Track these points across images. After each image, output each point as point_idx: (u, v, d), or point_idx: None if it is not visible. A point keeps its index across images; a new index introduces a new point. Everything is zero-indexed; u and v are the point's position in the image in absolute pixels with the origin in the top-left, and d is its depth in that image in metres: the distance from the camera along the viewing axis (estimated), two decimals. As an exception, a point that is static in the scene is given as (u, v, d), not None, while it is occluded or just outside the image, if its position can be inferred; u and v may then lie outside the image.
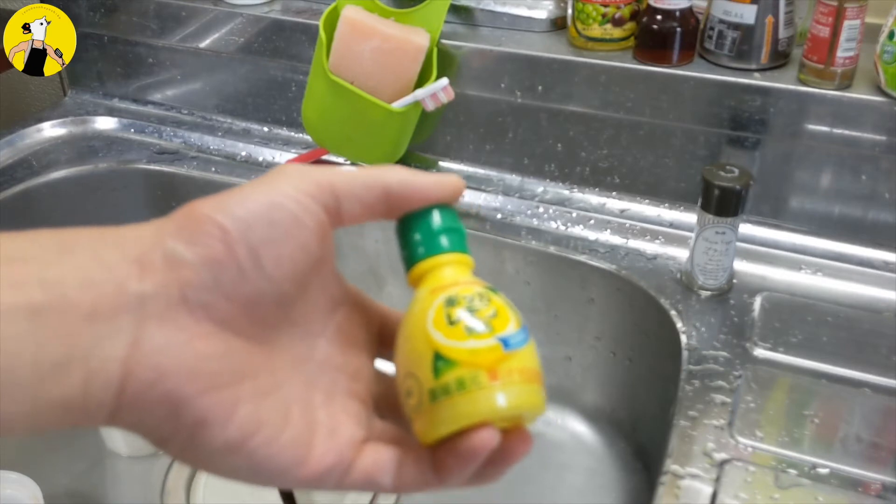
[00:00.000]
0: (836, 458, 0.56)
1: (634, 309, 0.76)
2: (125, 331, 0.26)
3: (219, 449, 0.28)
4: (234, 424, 0.27)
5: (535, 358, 0.30)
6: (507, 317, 0.30)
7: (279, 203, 0.29)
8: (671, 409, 0.62)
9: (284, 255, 0.29)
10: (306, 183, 0.30)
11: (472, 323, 0.29)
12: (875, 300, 0.71)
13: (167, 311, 0.27)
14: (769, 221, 0.79)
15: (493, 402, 0.29)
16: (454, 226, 0.32)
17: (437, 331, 0.29)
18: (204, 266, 0.27)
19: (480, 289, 0.31)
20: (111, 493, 0.75)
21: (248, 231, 0.28)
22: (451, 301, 0.30)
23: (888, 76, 0.70)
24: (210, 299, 0.27)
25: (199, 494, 0.73)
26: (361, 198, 0.31)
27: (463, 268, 0.32)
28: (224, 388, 0.27)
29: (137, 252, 0.27)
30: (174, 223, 0.28)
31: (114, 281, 0.26)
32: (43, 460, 0.76)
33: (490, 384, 0.29)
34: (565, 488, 0.76)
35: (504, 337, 0.29)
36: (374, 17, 0.80)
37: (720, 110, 0.76)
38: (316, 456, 0.29)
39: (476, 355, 0.29)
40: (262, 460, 0.28)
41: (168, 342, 0.26)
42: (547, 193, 0.86)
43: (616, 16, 0.79)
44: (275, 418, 0.29)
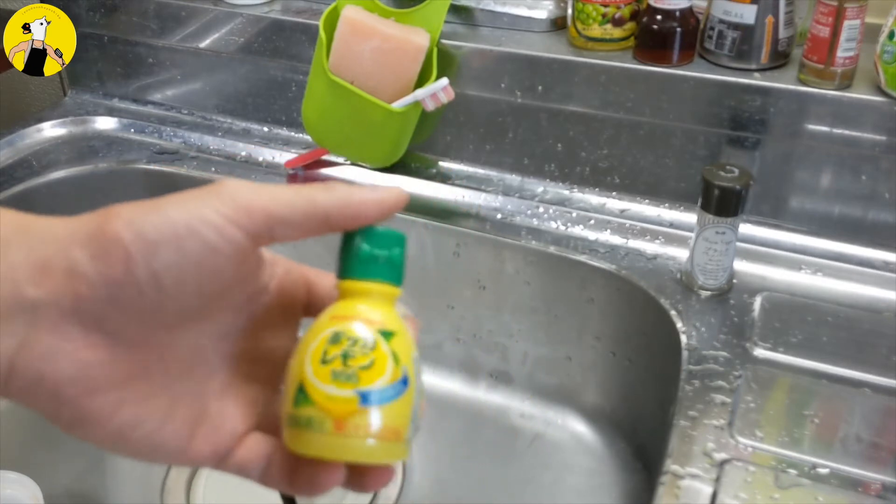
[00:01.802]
0: (836, 458, 0.56)
1: (634, 309, 0.76)
2: (17, 333, 0.27)
3: (98, 439, 0.30)
4: (114, 423, 0.29)
5: (401, 413, 0.30)
6: (381, 369, 0.30)
7: (195, 229, 0.28)
8: (671, 409, 0.62)
9: (189, 279, 0.29)
10: (234, 209, 0.29)
11: (340, 369, 0.30)
12: (875, 300, 0.71)
13: (58, 320, 0.28)
14: (769, 221, 0.79)
15: (328, 452, 0.30)
16: (386, 254, 0.32)
17: (311, 364, 0.30)
18: (102, 284, 0.28)
19: (373, 332, 0.30)
20: (111, 493, 0.75)
21: (153, 256, 0.28)
22: (336, 338, 0.30)
23: (888, 76, 0.70)
24: (103, 313, 0.28)
25: (199, 494, 0.73)
26: (299, 225, 0.30)
27: (378, 300, 0.32)
28: (106, 392, 0.29)
29: (43, 255, 0.28)
30: (86, 230, 0.28)
31: (13, 282, 0.27)
32: (43, 460, 0.76)
33: (333, 433, 0.29)
34: (565, 488, 0.76)
35: (365, 391, 0.29)
36: (374, 17, 0.80)
37: (720, 110, 0.76)
38: (195, 447, 0.31)
39: (330, 402, 0.29)
40: (142, 450, 0.30)
41: (52, 350, 0.28)
42: (547, 193, 0.86)
43: (616, 16, 0.79)
44: (157, 415, 0.30)
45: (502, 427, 0.82)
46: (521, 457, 0.79)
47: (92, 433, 0.29)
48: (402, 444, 0.31)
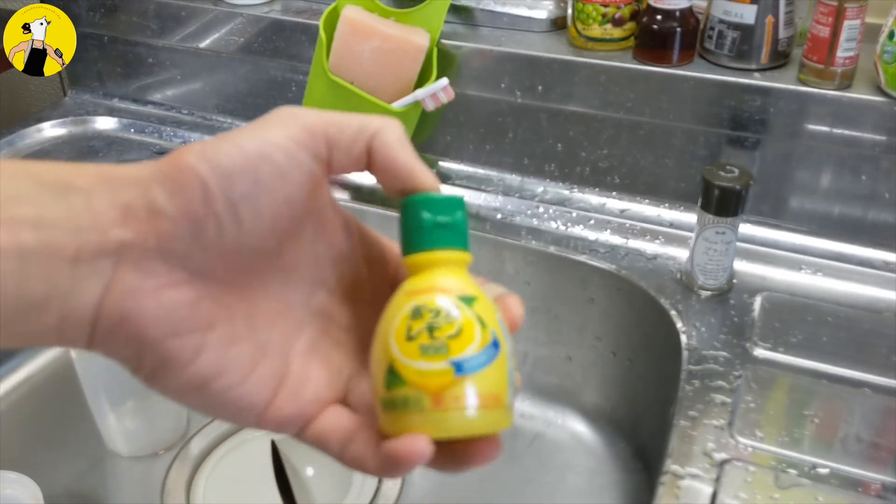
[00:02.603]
0: (836, 458, 0.56)
1: (634, 309, 0.76)
2: (103, 274, 0.27)
3: (180, 387, 0.29)
4: (195, 368, 0.28)
5: (497, 377, 0.29)
6: (470, 336, 0.29)
7: (267, 154, 0.28)
8: (671, 409, 0.62)
9: (265, 209, 0.29)
10: (299, 130, 0.29)
11: (428, 342, 0.29)
12: (875, 300, 0.71)
13: (143, 259, 0.28)
14: (769, 221, 0.79)
15: (430, 428, 0.28)
16: (449, 219, 0.31)
17: (396, 343, 0.29)
18: (182, 219, 0.28)
19: (453, 300, 0.29)
20: (111, 493, 0.75)
21: (229, 186, 0.28)
22: (417, 312, 0.29)
23: (888, 76, 0.70)
24: (186, 250, 0.28)
25: (199, 494, 0.73)
26: (350, 149, 0.30)
27: (450, 268, 0.31)
28: (188, 334, 0.28)
29: (126, 199, 0.28)
30: (162, 169, 0.28)
31: (99, 227, 0.27)
32: (43, 460, 0.76)
33: (432, 409, 0.28)
34: (565, 488, 0.76)
35: (458, 361, 0.28)
36: (374, 17, 0.80)
37: (720, 110, 0.76)
38: (277, 405, 0.30)
39: (424, 378, 0.28)
40: (221, 402, 0.30)
41: (137, 288, 0.27)
42: (547, 193, 0.86)
43: (616, 16, 0.79)
44: (240, 365, 0.29)
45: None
46: (521, 457, 0.79)
47: (173, 380, 0.29)
48: (503, 411, 0.29)
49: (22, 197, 0.27)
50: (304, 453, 0.79)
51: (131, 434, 0.75)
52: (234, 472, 0.76)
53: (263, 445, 0.78)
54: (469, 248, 0.32)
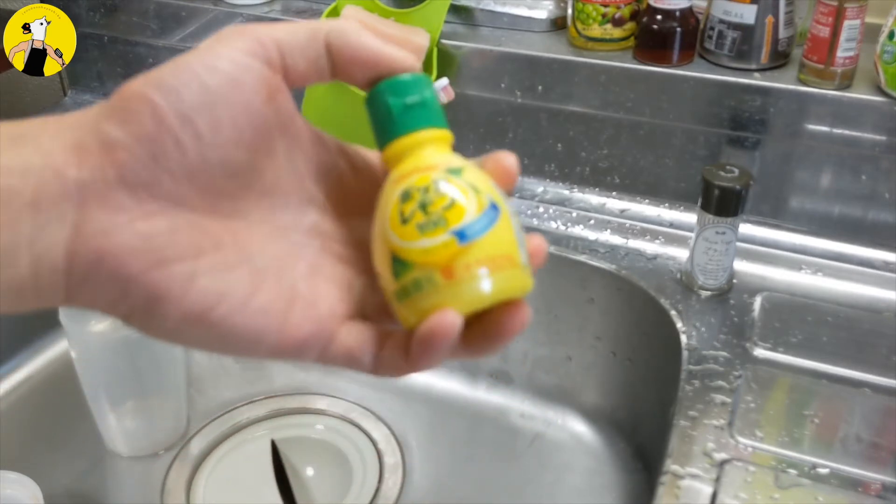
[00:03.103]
0: (836, 458, 0.56)
1: (634, 309, 0.76)
2: (67, 216, 0.26)
3: (179, 321, 0.27)
4: (191, 297, 0.27)
5: (505, 238, 0.28)
6: (465, 204, 0.28)
7: (212, 65, 0.28)
8: (671, 409, 0.62)
9: (223, 119, 0.27)
10: (245, 40, 0.28)
11: (424, 219, 0.28)
12: (875, 300, 0.71)
13: (107, 194, 0.27)
14: (769, 221, 0.79)
15: (450, 303, 0.27)
16: (418, 98, 0.30)
17: (393, 231, 0.28)
18: (138, 144, 0.27)
19: (440, 174, 0.28)
20: (111, 493, 0.75)
21: (178, 100, 0.27)
22: (406, 195, 0.28)
23: (888, 76, 0.70)
24: (150, 177, 0.27)
25: (199, 494, 0.73)
26: (305, 50, 0.29)
27: (430, 146, 0.30)
28: (174, 263, 0.27)
29: (75, 138, 0.27)
30: (109, 104, 0.28)
31: (52, 167, 0.26)
32: (43, 460, 0.76)
33: (446, 283, 0.27)
34: (565, 488, 0.76)
35: (459, 230, 0.27)
36: (374, 17, 0.80)
37: (720, 110, 0.76)
38: (292, 325, 0.29)
39: (429, 255, 0.27)
40: (228, 330, 0.28)
41: (106, 224, 0.26)
42: (547, 193, 0.86)
43: (616, 16, 0.79)
44: (241, 289, 0.28)
45: (502, 427, 0.82)
46: (521, 457, 0.79)
47: (170, 316, 0.27)
48: (520, 270, 0.29)
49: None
50: (304, 453, 0.79)
51: (131, 434, 0.75)
52: (234, 472, 0.76)
53: (263, 445, 0.78)
54: (447, 125, 0.30)
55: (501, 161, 0.30)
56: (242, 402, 0.82)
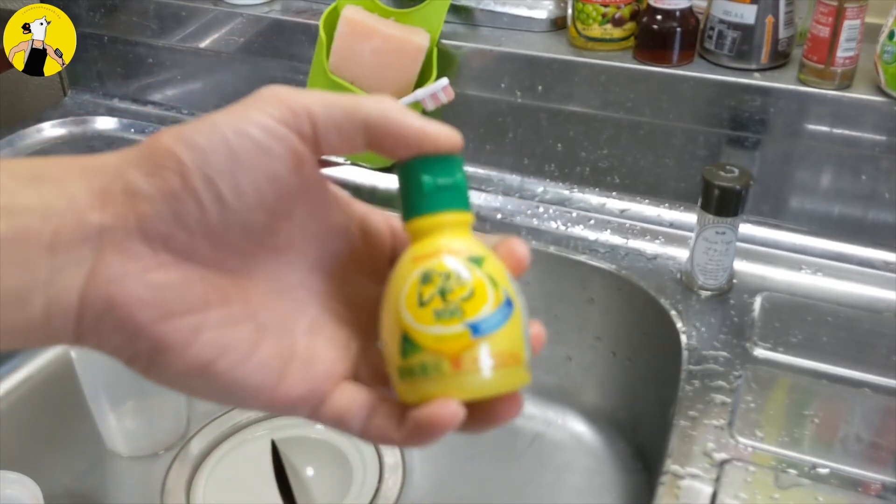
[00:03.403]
0: (836, 458, 0.56)
1: (634, 309, 0.76)
2: (84, 261, 0.27)
3: (180, 372, 0.28)
4: (194, 350, 0.28)
5: (514, 335, 0.29)
6: (483, 297, 0.28)
7: (242, 130, 0.28)
8: (671, 409, 0.62)
9: (246, 185, 0.28)
10: (278, 108, 0.28)
11: (441, 307, 0.28)
12: (875, 300, 0.71)
13: (125, 242, 0.27)
14: (769, 221, 0.79)
15: (451, 392, 0.28)
16: (450, 181, 0.30)
17: (408, 311, 0.28)
18: (161, 199, 0.27)
19: (463, 261, 0.29)
20: (111, 493, 0.75)
21: (204, 162, 0.27)
22: (426, 277, 0.29)
23: (888, 76, 0.70)
24: (168, 231, 0.27)
25: (199, 494, 0.73)
26: (341, 127, 0.29)
27: (454, 230, 0.30)
28: (182, 316, 0.27)
29: (100, 183, 0.27)
30: (138, 153, 0.28)
31: (75, 211, 0.27)
32: (43, 460, 0.76)
33: (453, 373, 0.28)
34: (565, 488, 0.76)
35: (474, 323, 0.28)
36: (374, 17, 0.80)
37: (720, 110, 0.76)
38: (288, 383, 0.29)
39: (441, 342, 0.28)
40: (227, 384, 0.29)
41: (121, 272, 0.27)
42: (547, 193, 0.86)
43: (616, 16, 0.79)
44: (242, 345, 0.29)
45: (502, 427, 0.82)
46: (521, 457, 0.79)
47: (172, 366, 0.28)
48: (522, 368, 0.29)
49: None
50: (304, 453, 0.79)
51: (131, 434, 0.75)
52: (234, 472, 0.76)
53: (263, 445, 0.78)
54: (470, 207, 0.31)
55: (514, 250, 0.31)
56: (242, 402, 0.82)
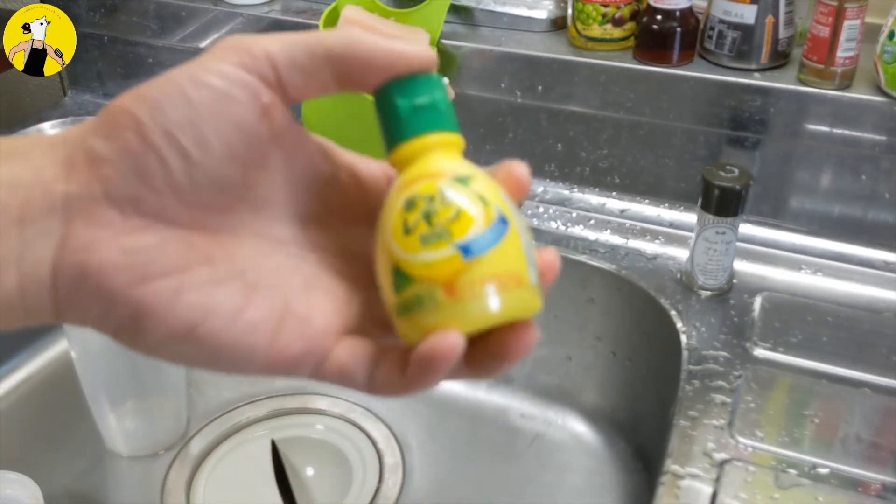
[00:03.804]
0: (836, 458, 0.56)
1: (634, 309, 0.76)
2: (53, 232, 0.26)
3: (165, 337, 0.27)
4: (176, 312, 0.26)
5: (513, 255, 0.26)
6: (472, 216, 0.26)
7: (199, 80, 0.27)
8: (671, 409, 0.62)
9: (210, 136, 0.27)
10: (236, 54, 0.27)
11: (427, 231, 0.26)
12: (875, 300, 0.71)
13: (92, 209, 0.26)
14: (769, 221, 0.79)
15: (452, 323, 0.26)
16: (428, 99, 0.28)
17: (395, 242, 0.27)
18: (122, 160, 0.26)
19: (447, 182, 0.27)
20: (111, 493, 0.75)
21: (161, 116, 0.26)
22: (410, 203, 0.27)
23: (888, 76, 0.70)
24: (135, 193, 0.26)
25: (199, 494, 0.73)
26: (303, 65, 0.27)
27: (439, 151, 0.28)
28: (159, 278, 0.26)
29: (64, 153, 0.27)
30: (98, 119, 0.27)
31: (41, 182, 0.26)
32: (43, 460, 0.76)
33: (449, 301, 0.26)
34: (565, 488, 0.76)
35: (464, 243, 0.26)
36: (374, 17, 0.80)
37: (720, 110, 0.76)
38: (283, 342, 0.28)
39: (431, 269, 0.26)
40: (216, 346, 0.27)
41: (90, 239, 0.26)
42: (547, 193, 0.86)
43: (616, 16, 0.79)
44: (229, 304, 0.27)
45: (502, 427, 0.82)
46: (521, 457, 0.79)
47: (156, 331, 0.26)
48: (528, 290, 0.27)
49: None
50: (304, 453, 0.79)
51: (131, 434, 0.75)
52: (234, 472, 0.76)
53: (263, 445, 0.78)
54: (458, 129, 0.29)
55: (513, 170, 0.29)
56: (242, 402, 0.82)
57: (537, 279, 0.27)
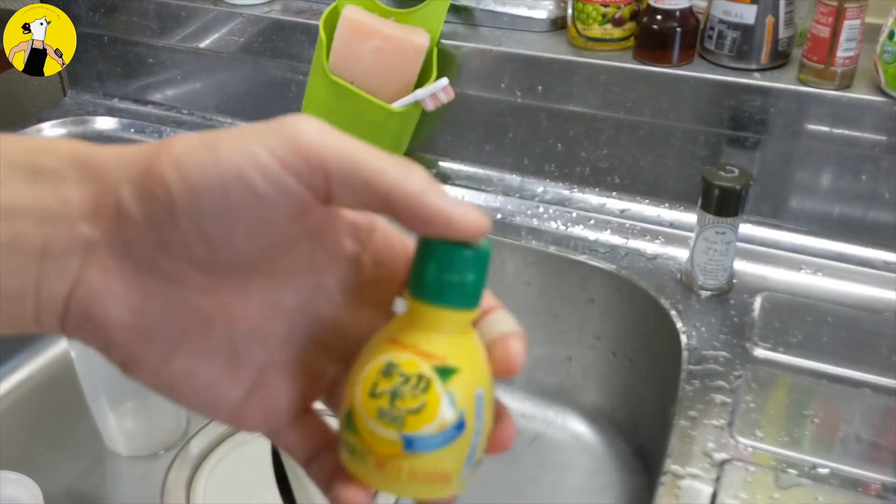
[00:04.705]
0: (836, 458, 0.56)
1: (634, 309, 0.76)
2: (71, 271, 0.27)
3: (150, 384, 0.29)
4: (163, 372, 0.28)
5: (451, 458, 0.28)
6: (431, 415, 0.27)
7: (241, 175, 0.25)
8: (671, 409, 0.62)
9: (240, 233, 0.26)
10: (290, 151, 0.26)
11: (387, 408, 0.27)
12: (875, 300, 0.71)
13: (110, 261, 0.27)
14: (769, 221, 0.79)
15: (372, 483, 0.28)
16: (459, 278, 0.28)
17: (360, 393, 0.28)
18: (148, 228, 0.26)
19: (430, 371, 0.27)
20: (111, 493, 0.75)
21: (196, 205, 0.26)
22: (388, 370, 0.28)
23: (888, 76, 0.70)
24: (154, 257, 0.27)
25: (199, 494, 0.73)
26: (357, 192, 0.26)
27: (444, 328, 0.28)
28: (158, 342, 0.28)
29: (96, 192, 0.27)
30: (136, 167, 0.27)
31: (67, 218, 0.27)
32: (43, 460, 0.76)
33: (373, 470, 0.28)
34: (565, 488, 0.76)
35: (410, 437, 0.27)
36: (374, 17, 0.80)
37: (720, 110, 0.76)
38: (247, 416, 0.30)
39: (373, 439, 0.28)
40: (189, 402, 0.30)
41: (103, 292, 0.27)
42: (547, 193, 0.86)
43: (616, 16, 0.79)
44: (210, 376, 0.29)
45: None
46: (521, 457, 0.79)
47: (143, 378, 0.29)
48: (449, 485, 0.28)
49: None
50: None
51: (131, 434, 0.75)
52: (234, 472, 0.76)
53: (263, 445, 0.78)
54: (478, 303, 0.29)
55: (509, 352, 0.29)
56: (242, 402, 0.82)
57: (470, 470, 0.29)
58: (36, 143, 0.28)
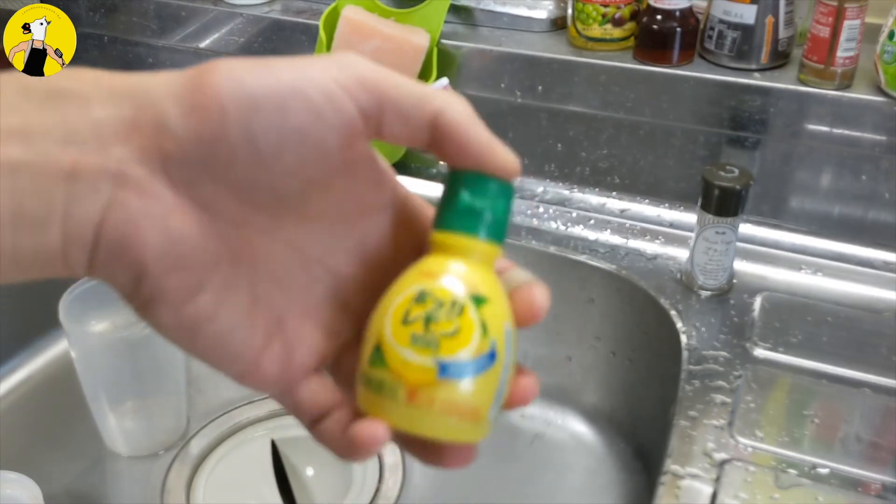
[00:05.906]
0: (836, 458, 0.56)
1: (634, 309, 0.76)
2: (102, 194, 0.25)
3: (168, 325, 0.27)
4: (190, 308, 0.27)
5: (483, 391, 0.27)
6: (466, 339, 0.27)
7: (301, 90, 0.25)
8: (671, 409, 0.62)
9: (289, 149, 0.26)
10: (347, 74, 0.26)
11: (421, 332, 0.27)
12: (875, 300, 0.71)
13: (147, 180, 0.25)
14: (769, 221, 0.79)
15: (398, 421, 0.27)
16: (489, 206, 0.28)
17: (391, 322, 0.27)
18: (193, 144, 0.25)
19: (463, 296, 0.27)
20: (111, 493, 0.75)
21: (252, 114, 0.25)
22: (421, 297, 0.27)
23: (888, 76, 0.70)
24: (194, 177, 0.26)
25: (199, 494, 0.73)
26: (407, 117, 0.27)
27: (473, 259, 0.28)
28: (189, 271, 0.26)
29: (131, 110, 0.25)
30: (182, 82, 0.26)
31: (98, 139, 0.25)
32: (43, 460, 0.76)
33: (405, 403, 0.27)
34: (565, 488, 0.76)
35: (445, 362, 0.26)
36: (374, 17, 0.80)
37: (720, 110, 0.76)
38: (263, 364, 0.29)
39: (406, 368, 0.27)
40: (206, 349, 0.28)
41: (140, 213, 0.25)
42: (547, 193, 0.86)
43: (616, 16, 0.79)
44: (234, 314, 0.28)
45: (502, 427, 0.82)
46: (521, 457, 0.79)
47: (165, 317, 0.27)
48: (480, 425, 0.28)
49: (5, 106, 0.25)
50: (304, 453, 0.79)
51: (131, 434, 0.75)
52: (234, 472, 0.76)
53: (263, 445, 0.78)
54: (503, 241, 0.29)
55: (533, 300, 0.29)
56: (242, 402, 0.82)
57: (497, 411, 0.28)
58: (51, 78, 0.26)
